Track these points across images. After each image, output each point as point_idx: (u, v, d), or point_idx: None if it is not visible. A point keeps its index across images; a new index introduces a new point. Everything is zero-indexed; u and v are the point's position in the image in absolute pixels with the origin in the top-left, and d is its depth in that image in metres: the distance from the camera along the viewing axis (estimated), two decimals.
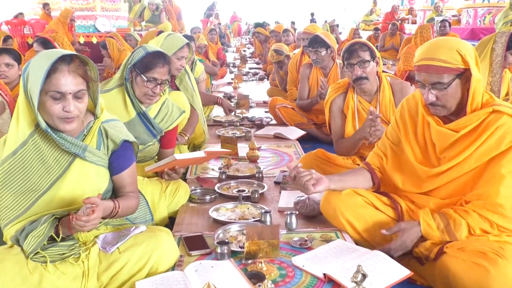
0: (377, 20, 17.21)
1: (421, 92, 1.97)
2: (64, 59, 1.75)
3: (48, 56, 1.74)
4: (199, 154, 2.58)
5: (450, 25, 8.53)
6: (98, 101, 1.92)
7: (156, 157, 2.82)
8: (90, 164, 1.89)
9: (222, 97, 4.58)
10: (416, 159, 2.09)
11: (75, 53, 1.80)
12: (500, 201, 1.82)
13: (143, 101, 2.58)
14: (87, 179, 1.88)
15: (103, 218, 1.86)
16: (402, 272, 1.75)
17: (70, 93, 1.75)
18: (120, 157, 1.98)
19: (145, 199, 2.35)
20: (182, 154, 2.48)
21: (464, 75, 1.88)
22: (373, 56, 2.90)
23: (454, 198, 2.00)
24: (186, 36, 5.09)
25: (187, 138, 3.24)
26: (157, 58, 2.52)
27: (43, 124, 1.77)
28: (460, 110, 1.95)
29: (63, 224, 1.79)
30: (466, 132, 1.92)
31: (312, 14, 20.38)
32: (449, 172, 1.98)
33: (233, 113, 4.68)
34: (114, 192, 2.03)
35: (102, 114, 1.96)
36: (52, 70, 1.72)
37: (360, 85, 2.93)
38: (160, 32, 5.63)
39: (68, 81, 1.75)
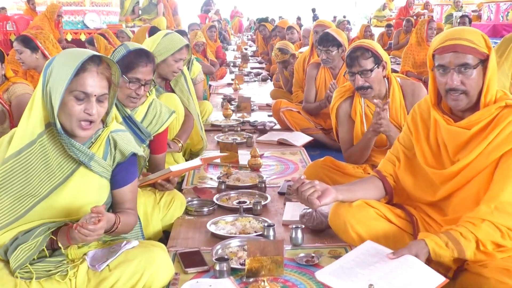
0: (390, 15, 17.24)
1: (440, 80, 1.97)
2: (94, 60, 1.82)
3: (77, 54, 1.80)
4: (195, 162, 2.58)
5: (470, 21, 8.53)
6: (112, 108, 1.96)
7: (147, 164, 2.82)
8: (94, 174, 1.92)
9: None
10: (427, 163, 2.10)
11: (102, 55, 1.86)
12: (508, 199, 1.81)
13: (127, 104, 2.58)
14: (88, 190, 1.90)
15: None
16: (437, 280, 1.70)
17: (95, 95, 1.81)
18: (124, 170, 2.01)
19: (138, 217, 2.35)
20: (177, 165, 2.49)
21: (485, 64, 1.93)
22: (377, 61, 2.89)
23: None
24: (179, 32, 5.09)
25: (180, 145, 3.23)
26: (139, 56, 2.53)
27: (59, 125, 1.80)
28: (474, 106, 1.98)
29: (61, 234, 1.80)
30: (478, 129, 1.94)
31: (314, 10, 20.33)
32: (462, 173, 1.98)
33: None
34: (112, 208, 2.05)
35: (112, 123, 2.00)
36: (81, 69, 1.78)
37: (363, 95, 2.95)
38: (152, 29, 5.61)
39: (95, 83, 1.81)
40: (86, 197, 1.90)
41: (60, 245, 1.82)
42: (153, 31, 5.07)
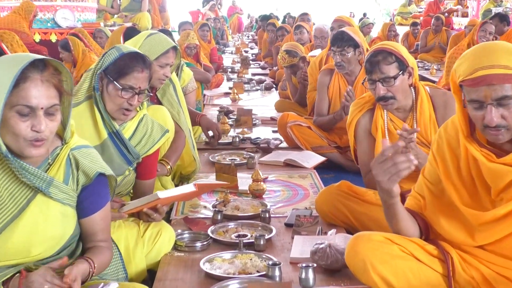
0: (418, 12, 17.34)
1: (475, 114, 1.92)
2: (36, 65, 1.79)
3: (15, 61, 1.77)
4: (188, 188, 2.58)
5: (508, 23, 8.45)
6: (69, 121, 1.94)
7: (132, 191, 2.82)
8: (55, 202, 1.91)
9: (203, 114, 4.40)
10: (462, 201, 2.06)
11: (48, 57, 1.84)
12: None
13: (117, 117, 2.61)
14: (49, 222, 1.89)
15: None
16: None
17: (42, 108, 1.79)
18: (92, 195, 2.00)
19: (118, 250, 2.34)
20: (166, 190, 2.49)
21: None
22: (402, 68, 2.91)
23: None
24: (163, 31, 5.09)
25: (169, 167, 3.23)
26: (134, 60, 2.57)
27: (3, 148, 1.79)
28: None
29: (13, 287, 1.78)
30: None
31: (365, 15, 20.50)
32: (511, 219, 1.96)
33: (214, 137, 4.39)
34: (82, 240, 2.04)
35: (72, 138, 1.99)
36: (21, 79, 1.75)
37: (386, 106, 2.95)
38: (129, 30, 5.55)
39: (41, 93, 1.78)
40: (47, 230, 1.89)
41: None
42: (129, 32, 5.05)
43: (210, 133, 4.38)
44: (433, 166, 2.17)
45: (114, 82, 2.55)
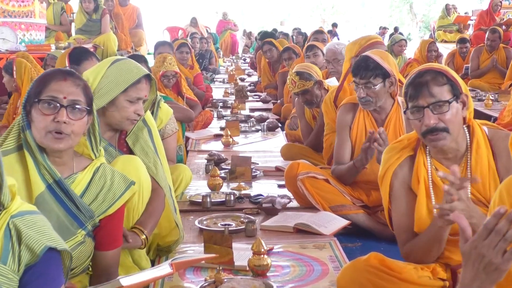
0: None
1: None
2: None
3: None
4: (162, 270, 2.56)
5: None
6: (4, 179, 1.95)
7: (90, 265, 2.81)
8: None
9: None
10: None
11: None
12: None
13: (49, 145, 2.60)
14: None
15: None
16: None
17: None
18: (39, 277, 2.00)
19: None
20: (132, 275, 2.47)
21: None
22: (456, 93, 2.92)
23: None
24: (134, 57, 5.10)
25: (144, 237, 3.21)
26: (52, 72, 2.66)
27: None
28: None
29: None
30: None
31: (396, 29, 20.77)
32: None
33: None
34: None
35: (13, 202, 2.00)
36: None
37: (436, 142, 2.93)
38: (75, 52, 5.42)
39: None
40: None
41: None
42: (76, 55, 4.99)
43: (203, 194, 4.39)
44: None
45: (35, 101, 2.58)
